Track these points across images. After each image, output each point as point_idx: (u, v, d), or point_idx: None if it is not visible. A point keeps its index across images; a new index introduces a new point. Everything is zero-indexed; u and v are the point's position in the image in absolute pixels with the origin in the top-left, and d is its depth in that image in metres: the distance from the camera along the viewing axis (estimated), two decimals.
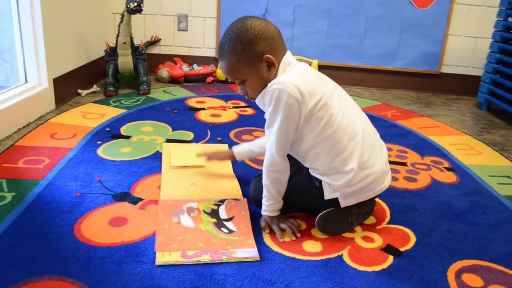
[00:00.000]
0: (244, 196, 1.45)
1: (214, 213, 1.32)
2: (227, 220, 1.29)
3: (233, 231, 1.24)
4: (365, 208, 1.31)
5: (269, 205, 1.27)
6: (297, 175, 1.30)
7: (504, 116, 2.73)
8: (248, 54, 1.18)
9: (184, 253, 1.13)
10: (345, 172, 1.20)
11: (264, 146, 1.44)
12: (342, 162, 1.19)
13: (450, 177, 1.74)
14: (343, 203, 1.24)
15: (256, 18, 1.21)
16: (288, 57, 1.23)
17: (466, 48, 3.18)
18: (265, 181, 1.26)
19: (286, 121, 1.16)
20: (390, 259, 1.18)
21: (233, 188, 1.51)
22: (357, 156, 1.19)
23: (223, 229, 1.25)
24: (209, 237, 1.21)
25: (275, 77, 1.21)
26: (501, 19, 2.73)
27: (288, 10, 3.12)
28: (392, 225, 1.35)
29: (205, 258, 1.12)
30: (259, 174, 1.42)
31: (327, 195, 1.24)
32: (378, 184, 1.26)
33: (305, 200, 1.32)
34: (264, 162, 1.24)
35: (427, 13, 3.08)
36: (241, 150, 1.54)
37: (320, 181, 1.25)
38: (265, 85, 1.19)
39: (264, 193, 1.27)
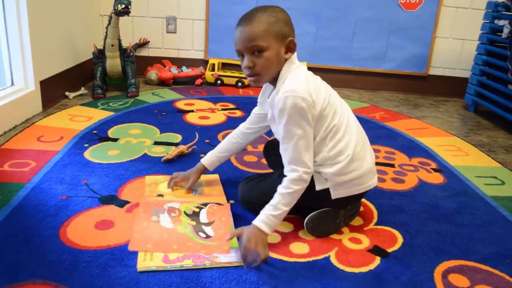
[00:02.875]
0: (228, 199, 1.45)
1: (194, 216, 1.32)
2: (207, 224, 1.29)
3: (210, 237, 1.23)
4: (352, 209, 1.32)
5: (274, 217, 1.16)
6: (280, 171, 1.30)
7: (491, 117, 2.75)
8: (278, 29, 1.19)
9: (166, 258, 1.12)
10: (339, 161, 1.22)
11: (230, 148, 1.50)
12: (338, 152, 1.22)
13: (437, 178, 1.75)
14: (333, 194, 1.24)
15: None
16: (295, 57, 1.25)
17: (454, 50, 3.21)
18: (284, 190, 1.17)
19: (306, 126, 1.17)
20: (377, 260, 1.18)
21: (217, 192, 1.50)
22: (352, 147, 1.23)
23: (200, 233, 1.24)
24: (185, 240, 1.20)
25: (279, 70, 1.22)
26: (488, 21, 2.75)
27: None
28: (379, 226, 1.36)
29: (188, 263, 1.11)
30: (247, 177, 1.42)
31: (318, 186, 1.24)
32: (367, 179, 1.28)
33: None
34: (289, 175, 1.18)
35: (415, 16, 3.11)
36: (211, 160, 1.50)
37: None
38: (277, 68, 1.21)
39: (274, 201, 1.17)
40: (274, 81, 1.24)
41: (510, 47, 2.41)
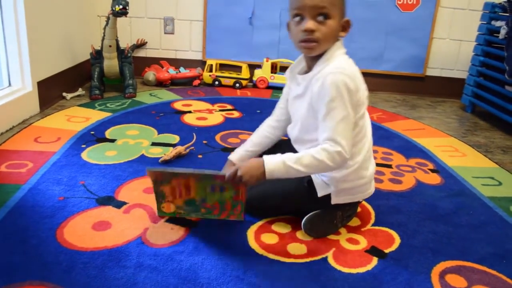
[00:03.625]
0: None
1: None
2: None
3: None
4: (349, 210, 1.33)
5: (284, 165, 1.13)
6: None
7: (488, 118, 2.76)
8: (342, 4, 1.18)
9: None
10: (347, 166, 1.21)
11: (261, 142, 1.42)
12: (351, 155, 1.18)
13: (434, 179, 1.75)
14: (334, 200, 1.25)
15: None
16: (342, 43, 1.22)
17: (451, 51, 3.22)
18: (316, 154, 1.12)
19: (351, 105, 1.13)
20: (375, 261, 1.18)
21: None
22: (363, 154, 1.23)
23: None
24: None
25: (330, 46, 1.18)
26: (485, 22, 2.76)
27: (274, 13, 3.12)
28: (376, 227, 1.36)
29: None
30: None
31: (320, 192, 1.24)
32: (368, 187, 1.30)
33: (290, 201, 1.31)
34: (328, 150, 1.12)
35: (412, 17, 3.11)
36: (239, 155, 1.42)
37: (308, 180, 1.25)
38: (331, 42, 1.17)
39: (297, 155, 1.14)
40: (314, 59, 1.19)
41: (507, 48, 2.42)
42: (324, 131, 1.13)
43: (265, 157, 1.16)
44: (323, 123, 1.14)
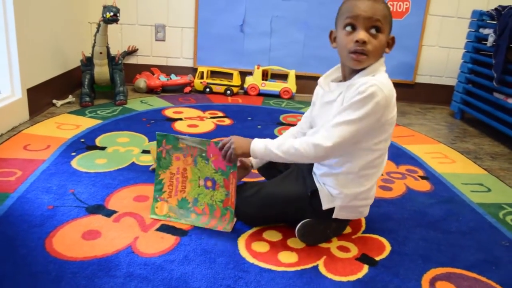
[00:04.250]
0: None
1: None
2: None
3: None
4: (344, 222, 1.33)
5: (267, 149, 1.20)
6: (288, 179, 1.30)
7: (477, 125, 2.78)
8: (391, 21, 1.17)
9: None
10: (361, 185, 1.23)
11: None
12: (363, 176, 1.22)
13: (424, 186, 1.76)
14: (336, 214, 1.25)
15: None
16: (384, 61, 1.21)
17: (440, 58, 3.25)
18: (295, 143, 1.16)
19: (366, 118, 1.11)
20: (366, 268, 1.19)
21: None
22: (376, 177, 1.25)
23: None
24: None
25: (374, 62, 1.17)
26: (473, 30, 2.79)
27: (265, 20, 3.14)
28: (367, 234, 1.36)
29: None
30: (242, 185, 1.36)
31: (325, 205, 1.24)
32: (366, 210, 1.32)
33: (289, 210, 1.30)
34: (312, 138, 1.15)
35: (402, 24, 3.14)
36: (254, 163, 1.44)
37: (312, 190, 1.25)
38: (378, 57, 1.17)
39: (279, 141, 1.20)
40: (355, 71, 1.18)
41: (495, 55, 2.45)
42: (329, 123, 1.15)
43: (255, 139, 1.25)
44: (333, 119, 1.14)
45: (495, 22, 2.53)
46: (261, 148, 1.22)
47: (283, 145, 1.19)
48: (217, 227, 1.30)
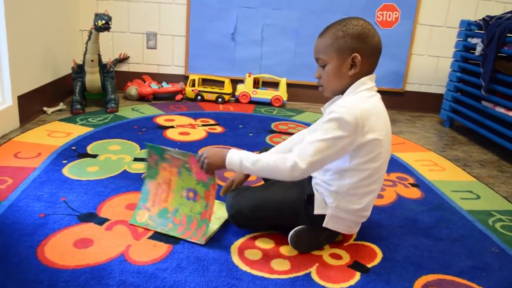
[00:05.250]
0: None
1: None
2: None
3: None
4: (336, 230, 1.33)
5: (241, 163, 1.20)
6: (277, 182, 1.30)
7: (466, 132, 2.82)
8: (343, 43, 1.18)
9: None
10: (351, 202, 1.24)
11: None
12: (357, 195, 1.24)
13: (415, 193, 1.78)
14: (326, 223, 1.26)
15: (372, 26, 1.22)
16: (370, 79, 1.22)
17: (429, 67, 3.29)
18: (269, 160, 1.19)
19: (338, 139, 1.14)
20: (358, 275, 1.19)
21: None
22: (372, 196, 1.27)
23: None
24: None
25: (344, 86, 1.21)
26: (461, 39, 2.84)
27: (256, 29, 3.16)
28: (359, 242, 1.37)
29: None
30: (236, 188, 1.39)
31: (317, 210, 1.25)
32: (358, 227, 1.33)
33: (283, 213, 1.30)
34: (288, 155, 1.17)
35: (392, 34, 3.18)
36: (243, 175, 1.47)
37: (309, 194, 1.27)
38: (338, 83, 1.22)
39: (256, 157, 1.20)
40: (341, 93, 1.24)
41: (483, 64, 2.49)
42: (304, 140, 1.18)
43: (231, 150, 1.24)
44: (310, 137, 1.17)
45: (483, 31, 2.57)
46: (236, 163, 1.21)
47: (259, 162, 1.19)
48: (192, 238, 1.29)
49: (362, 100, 1.18)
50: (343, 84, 1.22)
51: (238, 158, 1.21)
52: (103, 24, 2.41)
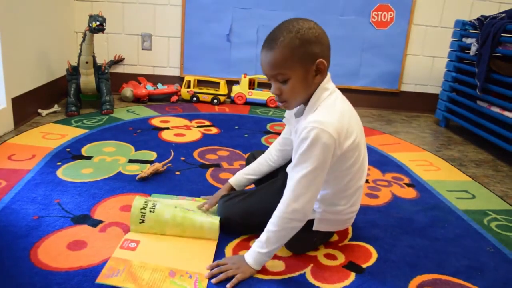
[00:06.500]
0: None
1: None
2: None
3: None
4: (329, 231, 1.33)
5: (264, 254, 1.13)
6: (266, 188, 1.30)
7: (461, 132, 2.82)
8: (304, 52, 1.08)
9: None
10: (339, 204, 1.23)
11: (261, 170, 1.43)
12: (342, 197, 1.23)
13: (410, 193, 1.78)
14: (315, 227, 1.25)
15: (314, 22, 1.13)
16: (328, 82, 1.16)
17: (424, 67, 3.30)
18: (273, 227, 1.12)
19: (322, 163, 1.07)
20: (352, 276, 1.19)
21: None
22: (354, 196, 1.25)
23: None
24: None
25: (310, 93, 1.14)
26: (456, 39, 2.84)
27: (252, 30, 3.16)
28: (354, 242, 1.37)
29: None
30: (227, 194, 1.39)
31: None
32: (351, 221, 1.32)
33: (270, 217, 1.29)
34: (282, 207, 1.11)
35: (387, 34, 3.18)
36: (238, 180, 1.45)
37: None
38: (305, 94, 1.13)
39: (263, 238, 1.13)
40: (306, 102, 1.16)
41: (478, 64, 2.49)
42: (290, 181, 1.11)
43: (245, 255, 1.16)
44: (291, 172, 1.12)
45: (477, 31, 2.58)
46: (259, 257, 1.14)
47: (270, 239, 1.12)
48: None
49: (332, 109, 1.12)
50: (310, 93, 1.14)
51: (253, 254, 1.14)
52: (97, 25, 2.41)
